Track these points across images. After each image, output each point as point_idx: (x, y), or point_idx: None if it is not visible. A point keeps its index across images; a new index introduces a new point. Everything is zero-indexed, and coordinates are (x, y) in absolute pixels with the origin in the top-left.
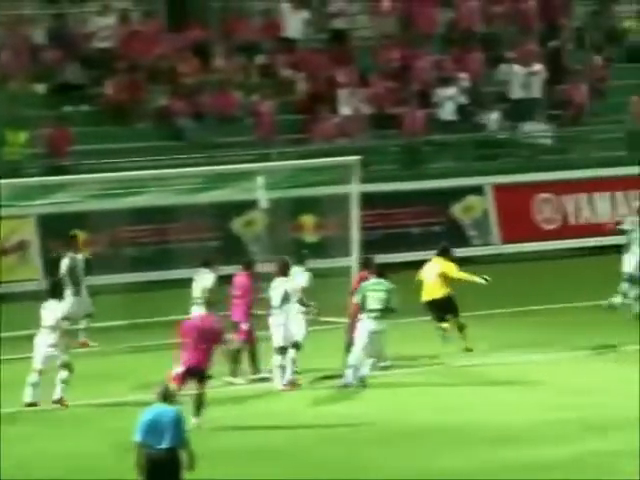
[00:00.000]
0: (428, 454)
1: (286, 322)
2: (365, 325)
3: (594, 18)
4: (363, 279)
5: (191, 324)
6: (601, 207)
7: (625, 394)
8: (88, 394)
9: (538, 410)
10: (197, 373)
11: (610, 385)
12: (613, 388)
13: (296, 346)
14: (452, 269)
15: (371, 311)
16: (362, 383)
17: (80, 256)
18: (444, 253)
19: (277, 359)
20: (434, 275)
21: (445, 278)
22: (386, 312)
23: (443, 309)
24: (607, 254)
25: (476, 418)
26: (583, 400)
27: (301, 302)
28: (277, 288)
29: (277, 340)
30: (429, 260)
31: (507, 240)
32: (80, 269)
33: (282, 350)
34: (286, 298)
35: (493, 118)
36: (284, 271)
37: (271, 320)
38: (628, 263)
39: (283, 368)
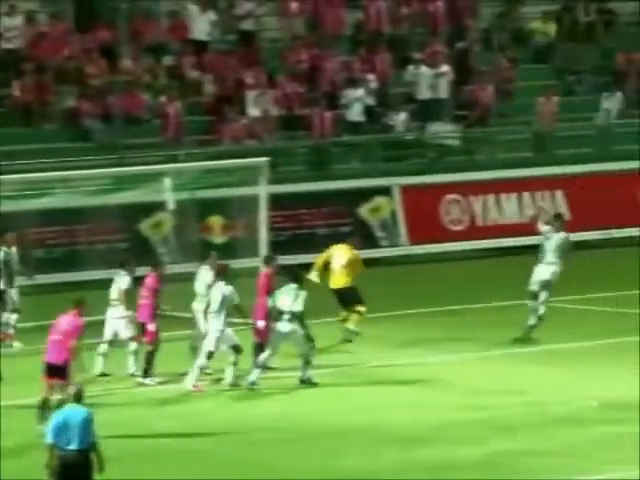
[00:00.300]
0: (337, 454)
1: (224, 327)
2: (278, 327)
3: (500, 20)
4: (268, 278)
5: (57, 321)
6: (508, 208)
7: (533, 394)
8: None
9: (448, 410)
10: (56, 369)
11: (519, 385)
12: (522, 388)
13: (237, 349)
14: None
15: (283, 313)
16: (252, 386)
17: (14, 250)
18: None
19: (202, 361)
20: (341, 264)
21: (351, 268)
22: (297, 315)
23: (346, 299)
24: (515, 254)
25: (385, 418)
26: (492, 400)
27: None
28: (216, 292)
29: (209, 344)
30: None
31: (415, 241)
32: (14, 262)
33: (210, 355)
34: (224, 302)
35: (401, 119)
36: (224, 275)
37: (210, 324)
38: (542, 270)
39: (202, 369)
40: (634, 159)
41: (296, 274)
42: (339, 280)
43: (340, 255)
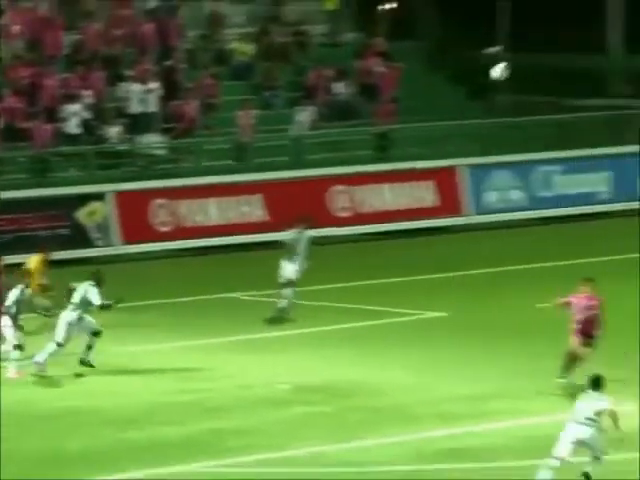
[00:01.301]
0: (62, 436)
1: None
2: (65, 317)
3: (204, 41)
4: None
5: None
6: (212, 211)
7: (236, 378)
8: None
9: (158, 394)
10: None
11: (223, 371)
12: (225, 373)
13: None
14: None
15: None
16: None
17: None
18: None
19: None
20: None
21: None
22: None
23: None
24: (218, 253)
25: (102, 403)
26: (199, 384)
27: None
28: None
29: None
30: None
31: (127, 241)
32: None
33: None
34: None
35: (114, 131)
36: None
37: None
38: (290, 269)
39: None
40: (325, 166)
41: (96, 275)
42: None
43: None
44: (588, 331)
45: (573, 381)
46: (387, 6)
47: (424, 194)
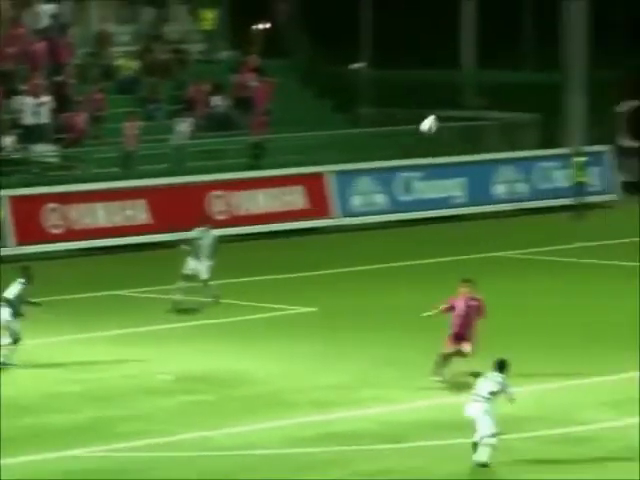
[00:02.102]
0: None
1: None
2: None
3: (92, 57)
4: None
5: None
6: (100, 214)
7: (126, 369)
8: None
9: (52, 384)
10: None
11: (114, 362)
12: (117, 364)
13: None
14: None
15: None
16: None
17: None
18: None
19: None
20: None
21: None
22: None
23: None
24: (109, 254)
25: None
26: (91, 375)
27: None
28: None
29: None
30: None
31: (21, 242)
32: None
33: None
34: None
35: (9, 140)
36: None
37: None
38: (194, 267)
39: None
40: (203, 173)
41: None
42: None
43: None
44: (467, 331)
45: (446, 379)
46: (260, 26)
47: (295, 198)
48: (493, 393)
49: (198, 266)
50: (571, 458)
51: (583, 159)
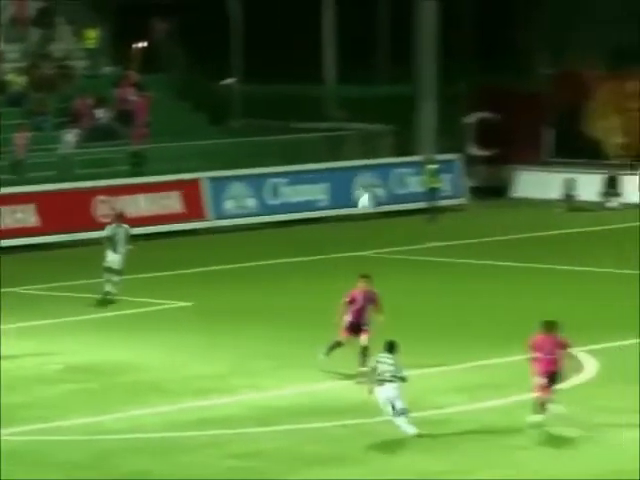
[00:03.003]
0: None
1: None
2: None
3: None
4: None
5: None
6: None
7: (18, 360)
8: None
9: None
10: None
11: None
12: (12, 356)
13: None
14: None
15: None
16: None
17: None
18: None
19: None
20: None
21: None
22: None
23: None
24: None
25: None
26: None
27: None
28: None
29: None
30: None
31: None
32: None
33: None
34: None
35: None
36: None
37: None
38: (112, 259)
39: None
40: (89, 179)
41: None
42: None
43: None
44: (363, 322)
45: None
46: (139, 44)
47: (173, 202)
48: (393, 373)
49: (116, 258)
50: (427, 439)
51: (435, 166)
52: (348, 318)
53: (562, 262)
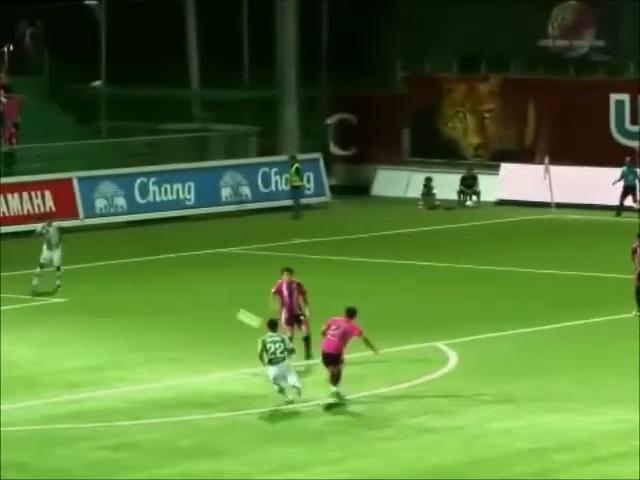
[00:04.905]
0: None
1: None
2: None
3: None
4: None
5: None
6: None
7: None
8: None
9: None
10: None
11: None
12: None
13: None
14: None
15: None
16: None
17: None
18: None
19: None
20: None
21: None
22: None
23: None
24: None
25: None
26: None
27: None
28: None
29: None
30: None
31: None
32: None
33: None
34: None
35: None
36: None
37: None
38: (49, 256)
39: None
40: None
41: None
42: None
43: None
44: (298, 311)
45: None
46: (7, 47)
47: (45, 201)
48: (283, 348)
49: (51, 255)
50: (294, 431)
51: (298, 165)
52: (284, 315)
53: (421, 258)
